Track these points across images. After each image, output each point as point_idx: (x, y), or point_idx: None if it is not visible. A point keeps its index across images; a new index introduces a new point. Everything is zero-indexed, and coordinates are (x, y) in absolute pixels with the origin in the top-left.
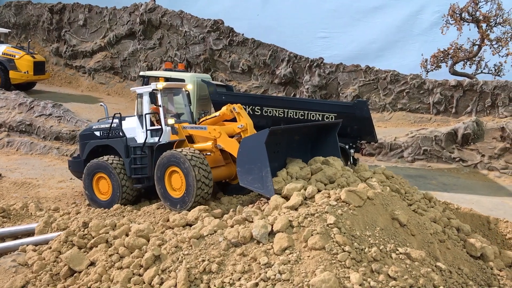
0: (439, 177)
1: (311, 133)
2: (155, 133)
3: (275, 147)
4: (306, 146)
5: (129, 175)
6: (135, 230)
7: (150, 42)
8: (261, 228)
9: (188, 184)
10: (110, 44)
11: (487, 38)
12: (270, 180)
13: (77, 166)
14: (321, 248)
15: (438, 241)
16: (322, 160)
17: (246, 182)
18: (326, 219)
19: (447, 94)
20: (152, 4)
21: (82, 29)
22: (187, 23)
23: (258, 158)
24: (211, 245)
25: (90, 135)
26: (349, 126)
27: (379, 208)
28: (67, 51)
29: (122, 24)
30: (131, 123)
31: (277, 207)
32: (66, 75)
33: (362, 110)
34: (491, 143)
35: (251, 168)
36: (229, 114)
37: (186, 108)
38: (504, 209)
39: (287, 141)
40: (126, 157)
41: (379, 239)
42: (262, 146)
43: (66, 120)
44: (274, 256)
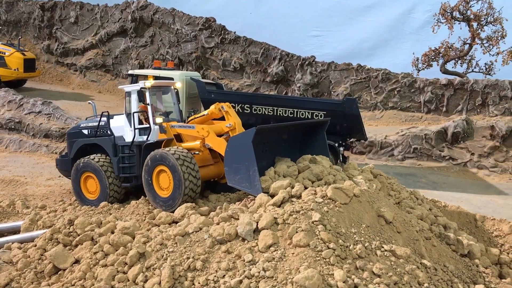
0: (429, 175)
1: (299, 132)
2: (143, 132)
3: (263, 146)
4: (295, 145)
5: (117, 174)
6: (120, 228)
7: (141, 39)
8: (246, 225)
9: (176, 184)
10: (102, 42)
11: (477, 37)
12: (258, 179)
13: (64, 164)
14: (305, 245)
15: (424, 239)
16: (310, 158)
17: (234, 182)
18: (311, 216)
19: (438, 92)
20: (144, 2)
21: (74, 26)
22: (179, 20)
23: (245, 157)
24: (196, 243)
25: (78, 133)
26: (338, 124)
27: (365, 205)
28: (58, 49)
29: (114, 22)
30: (119, 122)
31: (262, 205)
32: (57, 72)
33: (351, 108)
34: (480, 141)
35: (239, 168)
36: (217, 113)
37: (175, 107)
38: (493, 207)
39: (275, 140)
40: (114, 156)
41: (364, 236)
42: (249, 145)
43: (56, 118)
44: (259, 253)
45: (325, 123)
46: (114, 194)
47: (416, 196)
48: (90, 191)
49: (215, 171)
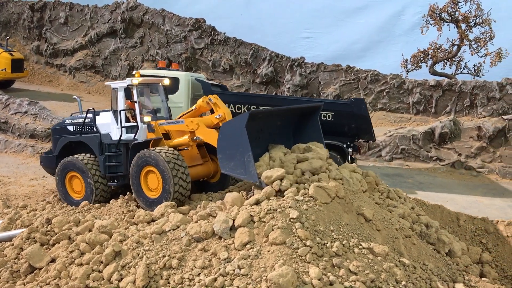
0: (415, 176)
1: (292, 118)
2: (130, 130)
3: (257, 133)
4: (288, 131)
5: (103, 173)
6: (98, 226)
7: (131, 40)
8: (223, 223)
9: (165, 184)
10: (91, 43)
11: (466, 38)
12: (253, 165)
13: (49, 162)
14: (281, 242)
15: (404, 237)
16: (304, 147)
17: (228, 169)
18: (289, 214)
19: (426, 94)
20: (134, 2)
21: (63, 27)
22: (169, 21)
23: (239, 143)
24: (173, 241)
25: (62, 129)
26: (346, 125)
27: (345, 203)
28: (48, 49)
29: (104, 22)
30: (106, 119)
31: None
32: (46, 73)
33: (359, 108)
34: (467, 142)
35: (233, 154)
36: (205, 106)
37: (163, 104)
38: (478, 207)
39: (268, 127)
40: (100, 155)
41: (343, 234)
42: (242, 130)
43: (42, 118)
44: (235, 251)
45: (318, 108)
46: (100, 193)
47: (399, 195)
48: (76, 190)
49: (204, 170)
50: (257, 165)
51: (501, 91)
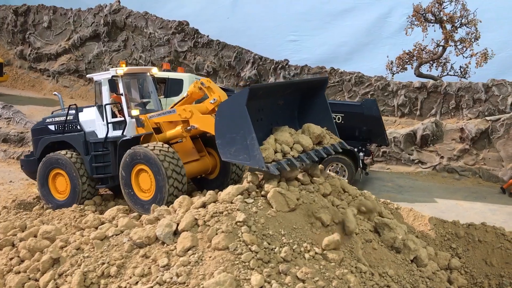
0: (396, 179)
1: (296, 95)
2: (118, 126)
3: (258, 114)
4: (292, 111)
5: (91, 175)
6: (41, 232)
7: (114, 44)
8: (165, 227)
9: (159, 184)
10: (75, 47)
11: (451, 39)
12: (258, 148)
13: (30, 165)
14: (224, 248)
15: (364, 241)
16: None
17: (229, 156)
18: (235, 217)
19: (411, 96)
20: (117, 5)
21: (47, 31)
22: (152, 24)
23: (240, 124)
24: (115, 247)
25: (43, 129)
26: (357, 128)
27: (302, 207)
28: (32, 54)
29: (87, 26)
30: (90, 115)
31: (181, 205)
32: (30, 78)
33: (371, 109)
34: (450, 144)
35: (233, 138)
36: (198, 92)
37: (152, 95)
38: (457, 211)
39: (270, 107)
40: (86, 155)
41: (294, 239)
42: (242, 109)
43: (16, 122)
44: (176, 257)
45: (325, 82)
46: (87, 196)
47: (367, 198)
48: (60, 190)
49: (201, 167)
50: (262, 148)
51: (487, 93)
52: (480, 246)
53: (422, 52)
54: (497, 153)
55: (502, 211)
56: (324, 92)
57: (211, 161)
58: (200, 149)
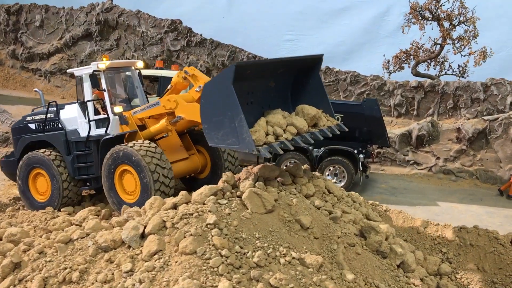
0: (390, 181)
1: (288, 76)
2: (101, 124)
3: (248, 96)
4: (285, 94)
5: (73, 176)
6: (7, 234)
7: (107, 43)
8: (131, 230)
9: (144, 185)
10: (67, 46)
11: (448, 37)
12: (247, 130)
13: (10, 166)
14: (192, 252)
15: (347, 245)
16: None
17: (217, 141)
18: (206, 219)
19: (408, 95)
20: (109, 4)
21: (39, 30)
22: (144, 23)
23: (226, 105)
24: (79, 251)
25: (23, 128)
26: (357, 128)
27: (280, 208)
28: (24, 54)
29: (79, 25)
30: (71, 112)
31: (152, 206)
32: (21, 78)
33: (372, 110)
34: (446, 145)
35: (220, 121)
36: (182, 82)
37: (138, 91)
38: (452, 213)
39: (261, 89)
40: (68, 155)
41: (270, 242)
42: (229, 88)
43: (1, 122)
44: (141, 262)
45: (318, 60)
46: (69, 195)
47: (354, 199)
48: (40, 191)
49: (190, 166)
50: (252, 131)
51: (486, 92)
52: (472, 250)
53: (419, 50)
54: (495, 154)
55: (499, 214)
56: (319, 72)
57: (200, 160)
58: (189, 147)
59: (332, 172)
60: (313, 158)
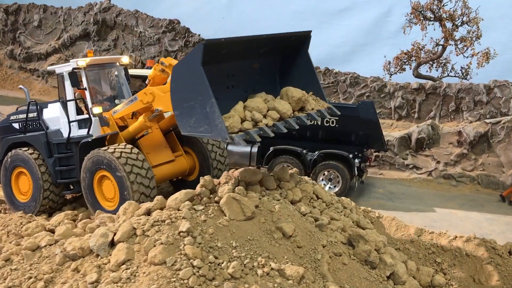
0: (388, 186)
1: (274, 56)
2: (83, 125)
3: (227, 80)
4: (272, 76)
5: (55, 181)
6: None
7: (104, 43)
8: (100, 237)
9: (123, 191)
10: (65, 46)
11: (451, 38)
12: (219, 116)
13: None
14: (161, 262)
15: (333, 255)
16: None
17: (189, 129)
18: (179, 226)
19: (409, 98)
20: (107, 3)
21: (37, 30)
22: (142, 23)
23: (197, 88)
24: (46, 259)
25: (7, 128)
26: (353, 132)
27: (260, 215)
28: (22, 54)
29: (77, 25)
30: (54, 112)
31: (126, 212)
32: (19, 78)
33: (367, 112)
34: (447, 148)
35: (191, 107)
36: (160, 75)
37: (124, 88)
38: (450, 220)
39: (244, 72)
40: (49, 157)
41: (248, 252)
42: (198, 70)
43: None
44: (108, 272)
45: (306, 37)
46: (50, 196)
47: (344, 205)
48: (22, 191)
49: (177, 168)
50: (226, 116)
51: (489, 94)
52: (468, 261)
53: (420, 51)
54: (497, 158)
55: (500, 221)
56: (307, 50)
57: (188, 162)
58: (176, 148)
59: (327, 177)
60: (307, 162)
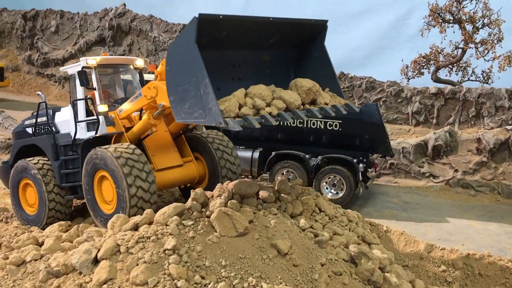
0: (403, 195)
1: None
2: (92, 126)
3: (233, 70)
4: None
5: (60, 184)
6: None
7: (120, 48)
8: (83, 254)
9: (120, 193)
10: (81, 51)
11: (471, 40)
12: (213, 99)
13: (6, 172)
14: (142, 283)
15: (332, 273)
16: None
17: (183, 115)
18: (164, 243)
19: (427, 103)
20: (122, 9)
21: (54, 36)
22: (157, 28)
23: (191, 68)
24: (30, 275)
25: (21, 133)
26: (357, 136)
27: (254, 231)
28: (39, 59)
29: (93, 30)
30: (65, 115)
31: (114, 226)
32: (37, 83)
33: (372, 115)
34: (465, 156)
35: (186, 90)
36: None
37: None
38: (467, 233)
39: (252, 62)
40: (55, 160)
41: (238, 271)
42: (192, 47)
43: (4, 128)
44: None
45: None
46: (56, 207)
47: (350, 218)
48: (30, 203)
49: (185, 174)
50: (222, 100)
51: (511, 100)
52: (481, 280)
53: (438, 55)
54: None
55: None
56: (324, 42)
57: (198, 168)
58: (186, 154)
59: (330, 182)
60: (310, 167)
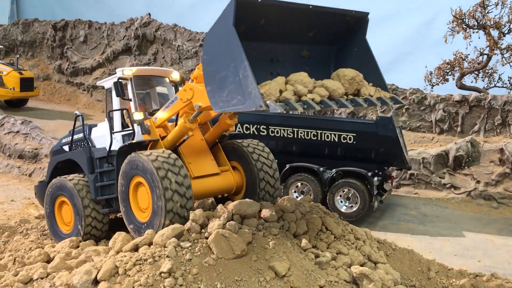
0: (422, 207)
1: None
2: (128, 138)
3: (271, 64)
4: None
5: (94, 197)
6: None
7: (145, 57)
8: (84, 274)
9: (155, 199)
10: (108, 60)
11: (496, 46)
12: (252, 81)
13: (42, 191)
14: None
15: None
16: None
17: (221, 104)
18: (160, 265)
19: (451, 110)
20: (147, 18)
21: (83, 45)
22: (180, 37)
23: (228, 53)
24: None
25: (59, 151)
26: (373, 149)
27: (252, 252)
28: (69, 68)
29: (119, 40)
30: (102, 130)
31: (114, 244)
32: (66, 92)
33: (386, 129)
34: (488, 167)
35: (224, 77)
36: None
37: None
38: (485, 248)
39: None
40: (90, 173)
41: None
42: (229, 30)
43: (32, 138)
44: None
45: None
46: (92, 223)
47: (357, 236)
48: (66, 221)
49: (221, 184)
50: (262, 84)
51: None
52: None
53: (463, 61)
54: None
55: None
56: (365, 35)
57: (237, 178)
58: (222, 163)
59: (344, 196)
60: (324, 180)
